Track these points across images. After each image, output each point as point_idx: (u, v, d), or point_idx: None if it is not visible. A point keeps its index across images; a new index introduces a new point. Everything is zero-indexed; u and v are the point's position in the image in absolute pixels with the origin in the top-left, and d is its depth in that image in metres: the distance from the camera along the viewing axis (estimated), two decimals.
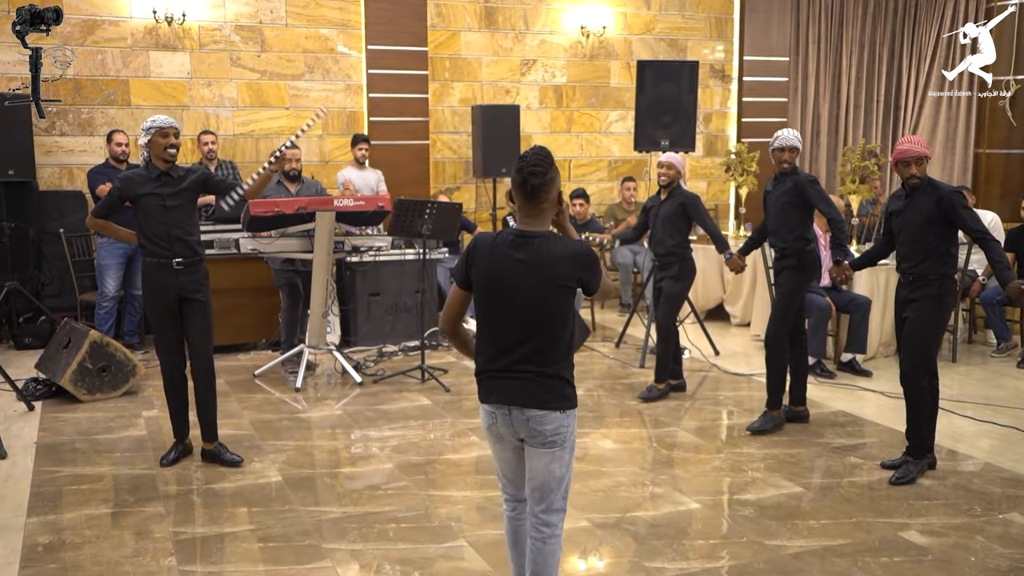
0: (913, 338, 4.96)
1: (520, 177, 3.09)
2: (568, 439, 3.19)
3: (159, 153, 5.06)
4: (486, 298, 3.16)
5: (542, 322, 3.10)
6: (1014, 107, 8.84)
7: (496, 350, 3.15)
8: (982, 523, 4.46)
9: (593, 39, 10.41)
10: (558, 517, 3.23)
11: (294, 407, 6.52)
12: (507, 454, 3.27)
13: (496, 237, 3.18)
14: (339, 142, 9.62)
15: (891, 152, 5.99)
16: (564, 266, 3.08)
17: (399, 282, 8.32)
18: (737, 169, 9.44)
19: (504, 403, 3.14)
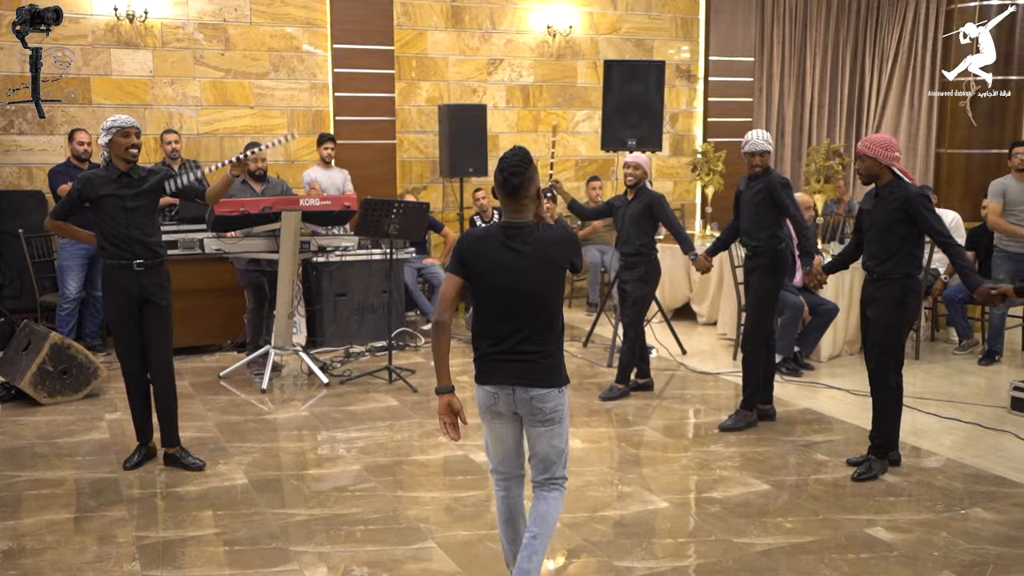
0: (878, 339, 5.00)
1: (502, 177, 3.37)
2: (565, 414, 3.49)
3: (120, 153, 4.98)
4: (486, 285, 3.38)
5: (541, 304, 3.38)
6: (975, 108, 8.96)
7: (498, 333, 3.38)
8: (946, 519, 4.50)
9: (560, 39, 10.42)
10: (562, 481, 3.56)
11: (260, 409, 6.45)
12: (505, 430, 3.50)
13: (486, 231, 3.44)
14: (305, 141, 9.55)
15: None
16: (557, 250, 3.40)
17: (366, 282, 8.27)
18: (704, 169, 9.49)
19: (507, 383, 3.37)
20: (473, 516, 4.59)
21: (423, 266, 9.01)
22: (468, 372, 7.35)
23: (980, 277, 4.84)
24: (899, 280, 4.91)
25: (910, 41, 12.17)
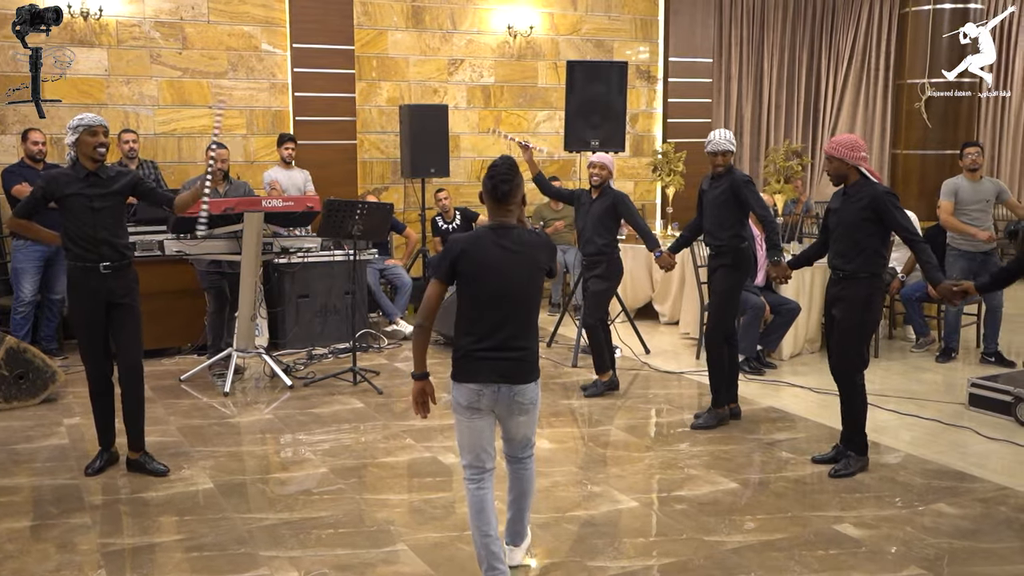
0: (842, 338, 5.06)
1: (491, 184, 3.62)
2: (538, 400, 3.75)
3: (88, 152, 4.89)
4: (477, 285, 3.56)
5: (527, 301, 3.62)
6: (929, 109, 9.12)
7: (484, 332, 3.55)
8: (910, 514, 4.57)
9: (520, 39, 10.42)
10: (532, 450, 3.87)
11: (223, 412, 6.37)
12: (483, 424, 3.64)
13: (475, 233, 3.66)
14: (264, 142, 9.45)
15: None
16: (541, 253, 3.67)
17: (328, 284, 8.21)
18: (664, 169, 9.55)
19: (493, 381, 3.55)
20: (442, 517, 4.57)
21: (385, 267, 8.95)
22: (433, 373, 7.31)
23: (943, 275, 4.91)
24: (865, 279, 4.97)
25: (864, 43, 12.38)
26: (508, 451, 3.85)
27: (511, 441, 3.80)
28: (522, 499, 3.90)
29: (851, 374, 5.08)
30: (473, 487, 3.70)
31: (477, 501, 3.69)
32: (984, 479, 5.03)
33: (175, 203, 5.32)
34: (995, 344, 7.62)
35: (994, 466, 5.25)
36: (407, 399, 6.69)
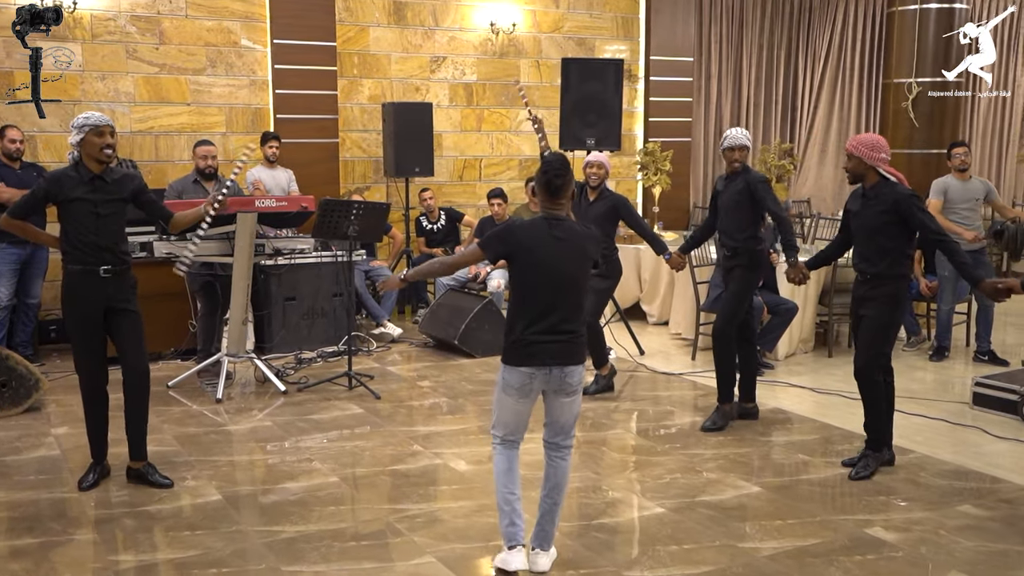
0: (869, 336, 5.02)
1: (546, 179, 3.80)
2: (583, 382, 3.91)
3: (94, 154, 4.67)
4: (532, 272, 3.75)
5: (578, 286, 3.83)
6: (916, 108, 9.16)
7: (537, 317, 3.73)
8: (940, 517, 4.53)
9: (503, 36, 10.29)
10: (572, 440, 3.99)
11: (217, 419, 6.16)
12: (527, 405, 3.85)
13: (532, 221, 3.82)
14: (244, 140, 9.20)
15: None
16: (590, 244, 3.88)
17: (315, 286, 8.01)
18: (651, 168, 9.49)
19: (548, 364, 3.73)
20: (466, 528, 4.43)
21: (370, 268, 8.77)
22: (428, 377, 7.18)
23: (982, 273, 4.87)
24: (893, 280, 4.94)
25: (840, 42, 12.44)
26: (549, 437, 3.96)
27: (554, 425, 3.92)
28: (556, 492, 3.94)
29: (873, 372, 5.03)
30: (503, 450, 3.92)
31: (506, 460, 3.90)
32: (1004, 479, 5.02)
33: (173, 221, 5.15)
34: (988, 343, 7.66)
35: (1010, 465, 5.24)
36: (407, 404, 6.56)
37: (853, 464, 5.16)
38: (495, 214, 8.99)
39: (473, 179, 10.37)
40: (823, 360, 7.75)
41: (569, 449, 3.98)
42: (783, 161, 8.15)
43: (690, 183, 11.44)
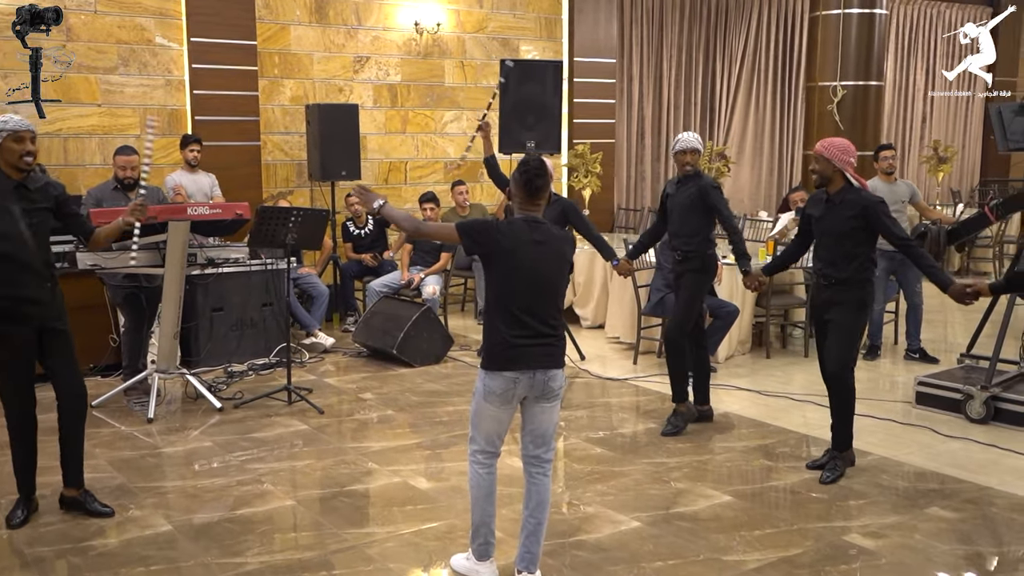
0: (840, 340, 5.01)
1: (526, 179, 3.75)
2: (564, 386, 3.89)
3: (14, 161, 4.30)
4: (515, 274, 3.65)
5: (558, 290, 3.79)
6: (841, 111, 9.33)
7: (521, 320, 3.65)
8: (912, 520, 4.54)
9: (427, 36, 10.07)
10: (552, 453, 3.88)
11: (152, 441, 5.81)
12: (508, 413, 3.77)
13: (510, 222, 3.73)
14: (160, 143, 8.72)
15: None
16: (566, 246, 3.85)
17: (244, 295, 7.68)
18: (582, 171, 9.42)
19: (532, 368, 3.67)
20: (440, 550, 4.24)
21: (298, 276, 8.45)
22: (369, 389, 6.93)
23: (951, 276, 4.92)
24: (858, 284, 4.95)
25: (755, 46, 12.63)
26: (530, 451, 3.85)
27: (535, 433, 3.82)
28: (540, 511, 3.83)
29: (845, 376, 5.04)
30: (484, 471, 3.84)
31: (487, 484, 3.84)
32: (963, 480, 5.08)
33: (94, 237, 4.81)
34: (918, 341, 7.83)
35: (966, 465, 5.32)
36: (353, 418, 6.31)
37: (818, 467, 5.16)
38: (427, 218, 8.77)
39: (399, 182, 10.13)
40: (762, 361, 7.80)
41: (550, 464, 3.88)
42: (717, 163, 8.18)
43: (614, 185, 11.43)
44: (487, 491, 3.85)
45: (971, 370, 6.57)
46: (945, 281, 4.78)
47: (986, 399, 6.01)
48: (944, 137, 14.79)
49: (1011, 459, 5.41)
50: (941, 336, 8.70)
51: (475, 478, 3.85)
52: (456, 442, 5.75)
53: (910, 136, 14.74)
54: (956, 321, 9.42)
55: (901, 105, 14.55)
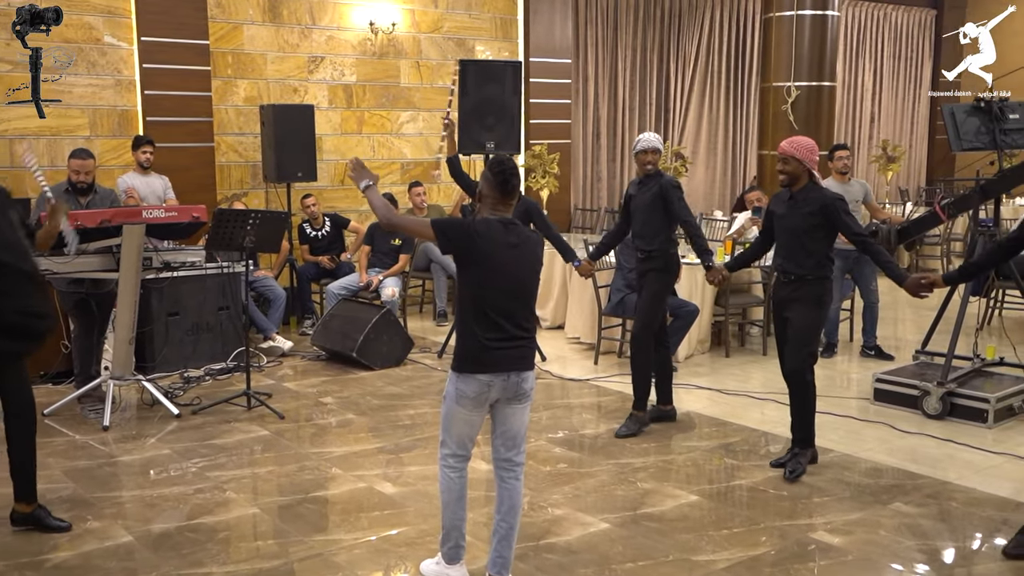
0: (799, 337, 5.05)
1: (501, 178, 3.70)
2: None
3: None
4: (491, 276, 3.62)
5: (532, 292, 3.81)
6: (795, 111, 9.43)
7: (496, 322, 3.62)
8: (876, 516, 4.59)
9: (382, 36, 9.99)
10: (524, 456, 3.87)
11: (108, 450, 5.68)
12: (479, 418, 3.74)
13: (486, 222, 3.67)
14: (110, 144, 8.59)
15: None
16: (538, 248, 3.85)
17: (200, 299, 7.54)
18: (540, 171, 9.41)
19: (506, 370, 3.64)
20: (408, 556, 4.19)
21: (254, 279, 8.33)
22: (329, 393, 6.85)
23: (905, 271, 4.98)
24: (817, 281, 4.99)
25: (707, 47, 12.73)
26: (502, 454, 3.82)
27: (506, 435, 3.79)
28: (512, 515, 3.79)
29: (804, 372, 5.08)
30: (455, 475, 3.80)
31: (458, 489, 3.81)
32: (922, 475, 5.15)
33: (39, 237, 4.71)
34: (874, 338, 7.93)
35: (923, 460, 5.39)
36: (314, 423, 6.23)
37: (781, 465, 5.20)
38: None
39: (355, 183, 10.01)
40: (721, 360, 7.85)
41: (522, 467, 3.86)
42: (676, 163, 8.22)
43: (571, 185, 11.44)
44: (458, 495, 3.81)
45: (926, 366, 6.67)
46: (901, 276, 4.86)
47: (942, 395, 6.10)
48: (892, 137, 15.06)
49: (966, 453, 5.50)
50: (893, 333, 8.83)
51: (446, 482, 3.80)
52: (419, 445, 5.70)
53: (859, 136, 14.97)
54: (908, 318, 9.58)
55: (850, 106, 14.77)
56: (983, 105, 6.74)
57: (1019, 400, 6.12)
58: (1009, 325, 8.57)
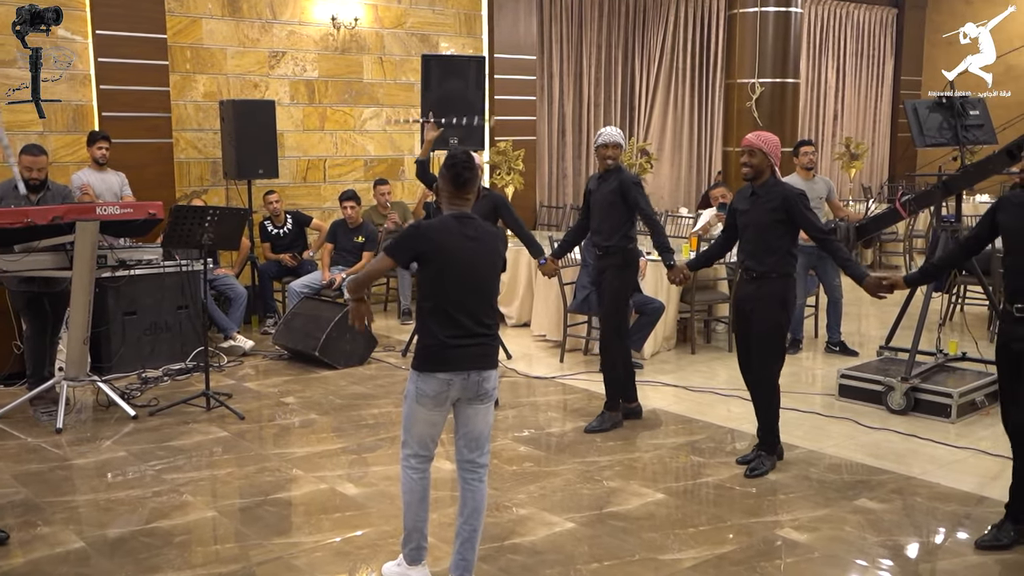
0: (763, 338, 5.02)
1: (455, 171, 3.63)
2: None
3: None
4: (448, 273, 3.54)
5: (493, 288, 3.73)
6: (760, 108, 9.44)
7: (455, 321, 3.56)
8: (841, 513, 4.57)
9: (344, 31, 9.87)
10: (488, 458, 3.80)
11: (61, 453, 5.53)
12: (441, 415, 3.67)
13: (441, 220, 3.61)
14: (64, 140, 8.40)
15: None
16: (499, 243, 3.77)
17: (158, 298, 7.39)
18: (504, 168, 9.35)
19: (466, 369, 3.57)
20: (369, 558, 4.11)
21: (215, 277, 8.19)
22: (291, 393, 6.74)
23: (865, 269, 4.97)
24: (779, 279, 4.97)
25: (672, 43, 12.72)
26: (465, 455, 3.76)
27: (468, 436, 3.73)
28: (475, 518, 3.73)
29: (771, 373, 5.06)
30: (417, 476, 3.75)
31: (420, 490, 3.76)
32: (887, 470, 5.15)
33: None
34: (838, 334, 7.95)
35: (887, 455, 5.39)
36: (275, 424, 6.12)
37: (747, 462, 5.17)
38: (348, 217, 8.60)
39: (317, 180, 9.91)
40: (687, 357, 7.83)
41: (486, 468, 3.81)
42: (641, 160, 8.18)
43: (536, 182, 11.39)
44: (420, 496, 3.76)
45: (890, 362, 6.69)
46: (860, 274, 4.85)
47: (906, 390, 6.11)
48: (855, 134, 15.16)
49: (930, 448, 5.51)
50: (857, 329, 8.86)
51: (408, 483, 3.74)
52: (382, 445, 5.62)
53: (823, 133, 15.05)
54: (872, 314, 9.62)
55: (814, 103, 14.85)
56: (944, 101, 6.76)
57: (981, 395, 6.14)
58: (971, 320, 8.64)
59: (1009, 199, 4.21)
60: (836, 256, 4.97)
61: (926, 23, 16.07)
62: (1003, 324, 4.19)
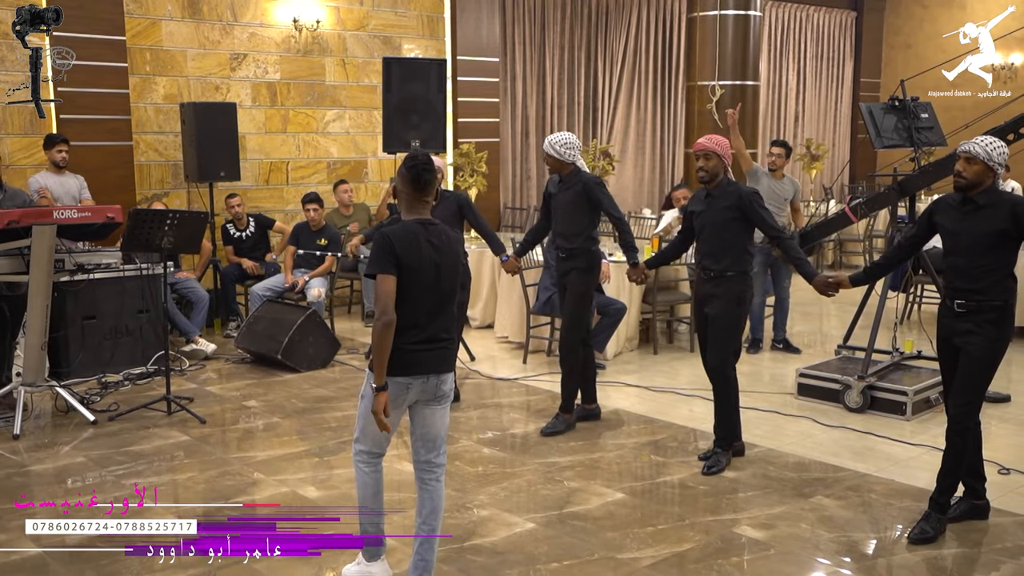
0: (719, 333, 5.10)
1: (414, 173, 3.62)
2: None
3: None
4: (415, 278, 3.54)
5: (452, 296, 3.72)
6: (720, 110, 9.53)
7: (418, 326, 3.57)
8: (798, 510, 4.65)
9: (306, 33, 9.84)
10: (445, 458, 3.83)
11: (19, 459, 5.48)
12: (397, 418, 3.68)
13: (404, 227, 3.59)
14: (21, 143, 8.31)
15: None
16: (460, 247, 3.83)
17: (118, 302, 7.33)
18: (467, 170, 9.37)
19: (425, 373, 3.60)
20: (331, 560, 4.12)
21: (176, 280, 8.13)
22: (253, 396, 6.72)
23: (815, 269, 5.06)
24: (736, 277, 5.04)
25: (635, 46, 12.81)
26: (422, 456, 3.78)
27: (426, 437, 3.76)
28: (433, 518, 3.76)
29: (726, 368, 5.13)
30: (369, 470, 3.80)
31: (374, 483, 3.81)
32: (843, 467, 5.24)
33: None
34: (784, 331, 8.07)
35: (844, 453, 5.48)
36: (237, 427, 6.10)
37: (707, 458, 5.24)
38: (311, 220, 8.57)
39: (280, 183, 9.87)
40: (650, 357, 7.89)
41: (443, 469, 3.83)
42: (602, 162, 8.24)
43: (500, 184, 11.42)
44: (374, 490, 3.81)
45: (848, 361, 6.79)
46: (811, 273, 4.97)
47: (863, 388, 6.21)
48: (816, 135, 15.34)
49: (885, 446, 5.60)
50: (818, 328, 8.98)
51: (361, 477, 3.81)
52: (345, 448, 5.61)
53: (784, 135, 15.20)
54: (831, 314, 9.75)
55: (775, 105, 15.01)
56: (898, 104, 6.88)
57: (935, 392, 6.25)
58: (927, 319, 8.76)
59: (946, 200, 4.31)
60: (789, 254, 5.07)
61: (884, 26, 16.31)
62: (943, 319, 4.30)
